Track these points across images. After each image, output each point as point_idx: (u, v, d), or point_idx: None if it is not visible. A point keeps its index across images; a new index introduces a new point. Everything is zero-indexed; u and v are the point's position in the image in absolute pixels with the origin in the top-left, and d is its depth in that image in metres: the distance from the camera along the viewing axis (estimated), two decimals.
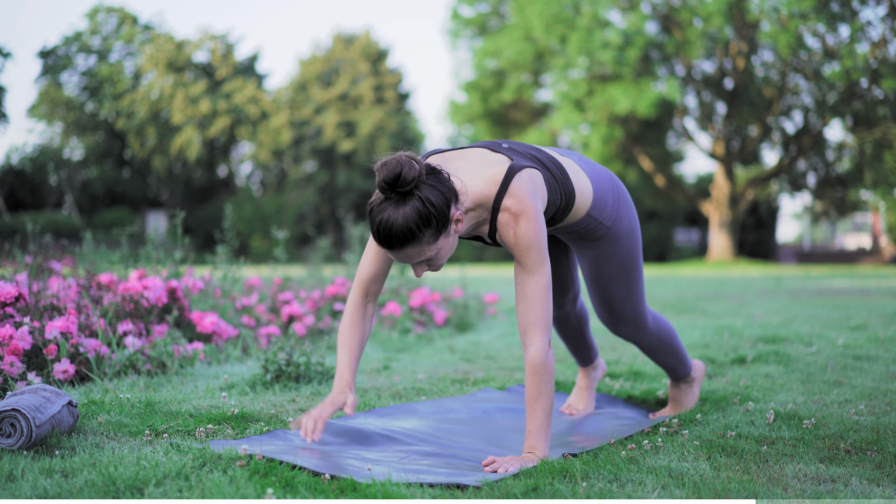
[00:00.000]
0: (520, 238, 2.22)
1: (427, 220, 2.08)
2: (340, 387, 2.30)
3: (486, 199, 2.24)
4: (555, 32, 23.64)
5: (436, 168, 2.14)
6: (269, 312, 5.15)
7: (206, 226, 27.18)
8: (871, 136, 23.65)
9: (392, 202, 2.08)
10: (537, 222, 2.22)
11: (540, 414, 2.20)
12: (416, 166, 2.07)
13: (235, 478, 1.90)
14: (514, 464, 2.11)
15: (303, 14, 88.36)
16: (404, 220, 2.06)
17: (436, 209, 2.08)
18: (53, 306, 3.42)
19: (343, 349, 2.36)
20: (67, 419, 2.27)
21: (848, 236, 39.27)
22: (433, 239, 2.12)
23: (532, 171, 2.29)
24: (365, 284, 2.39)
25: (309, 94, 32.02)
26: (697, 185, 30.61)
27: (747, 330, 5.47)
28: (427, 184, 2.09)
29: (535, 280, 2.22)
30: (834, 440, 2.44)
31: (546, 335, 2.22)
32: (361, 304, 2.39)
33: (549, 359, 2.21)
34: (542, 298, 2.22)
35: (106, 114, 31.81)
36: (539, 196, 2.28)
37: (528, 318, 2.22)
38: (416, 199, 2.07)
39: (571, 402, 3.12)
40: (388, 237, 2.09)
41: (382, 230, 2.09)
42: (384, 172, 2.06)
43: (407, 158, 2.07)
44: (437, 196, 2.09)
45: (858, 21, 21.55)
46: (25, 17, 60.82)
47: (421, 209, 2.07)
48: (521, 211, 2.21)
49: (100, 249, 6.88)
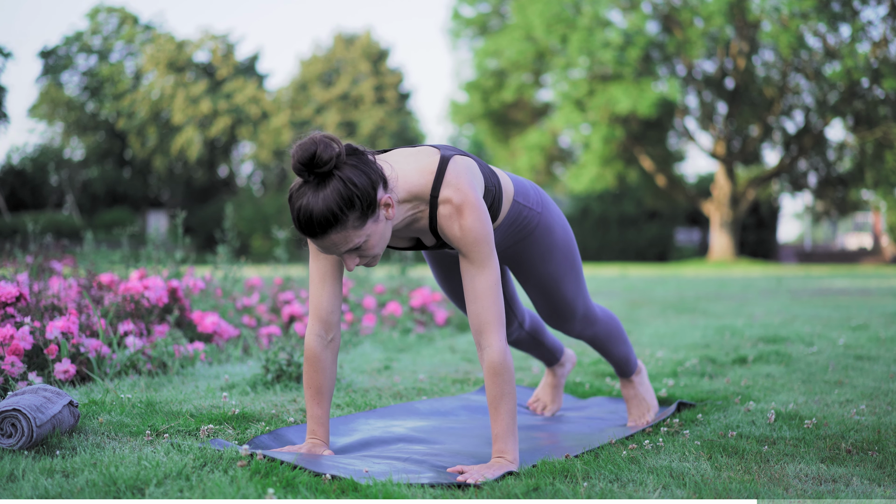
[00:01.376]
0: (466, 231, 2.10)
1: (350, 202, 1.94)
2: (314, 443, 2.23)
3: (422, 190, 2.12)
4: (555, 32, 23.64)
5: (357, 149, 2.01)
6: (270, 312, 5.15)
7: (206, 226, 27.18)
8: (872, 136, 23.64)
9: (311, 186, 1.94)
10: (481, 212, 2.11)
11: (505, 416, 2.11)
12: (334, 146, 1.94)
13: (236, 478, 1.90)
14: (486, 471, 2.03)
15: (303, 14, 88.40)
16: (325, 202, 1.92)
17: (359, 189, 1.95)
18: (54, 306, 3.42)
19: (312, 401, 2.23)
20: (68, 419, 2.27)
21: (849, 236, 39.25)
22: (359, 223, 1.97)
23: (465, 158, 2.19)
24: (322, 316, 2.22)
25: (310, 94, 32.03)
26: (698, 185, 30.60)
27: (748, 330, 5.47)
28: (348, 164, 1.96)
29: (486, 276, 2.12)
30: (835, 440, 2.43)
31: (502, 333, 2.13)
32: (323, 344, 2.23)
33: (508, 358, 2.12)
34: (494, 295, 2.12)
35: (107, 114, 31.83)
36: (478, 184, 2.18)
37: (482, 318, 2.12)
38: (336, 179, 1.93)
39: (539, 396, 3.05)
40: (308, 223, 1.94)
41: (303, 216, 1.94)
42: (298, 153, 1.93)
43: (322, 137, 1.94)
44: (359, 176, 1.96)
45: (859, 21, 21.55)
46: (26, 17, 60.86)
47: (342, 190, 1.93)
48: (464, 201, 2.10)
49: (100, 249, 6.88)
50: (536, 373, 3.92)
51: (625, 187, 29.06)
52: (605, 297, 9.56)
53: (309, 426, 2.26)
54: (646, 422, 2.81)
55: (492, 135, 28.52)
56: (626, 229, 30.25)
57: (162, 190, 33.57)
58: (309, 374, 2.24)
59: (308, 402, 2.26)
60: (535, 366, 4.10)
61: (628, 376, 2.92)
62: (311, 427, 2.25)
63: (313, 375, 2.24)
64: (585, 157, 25.86)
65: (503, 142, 28.52)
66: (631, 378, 2.92)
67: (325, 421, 2.25)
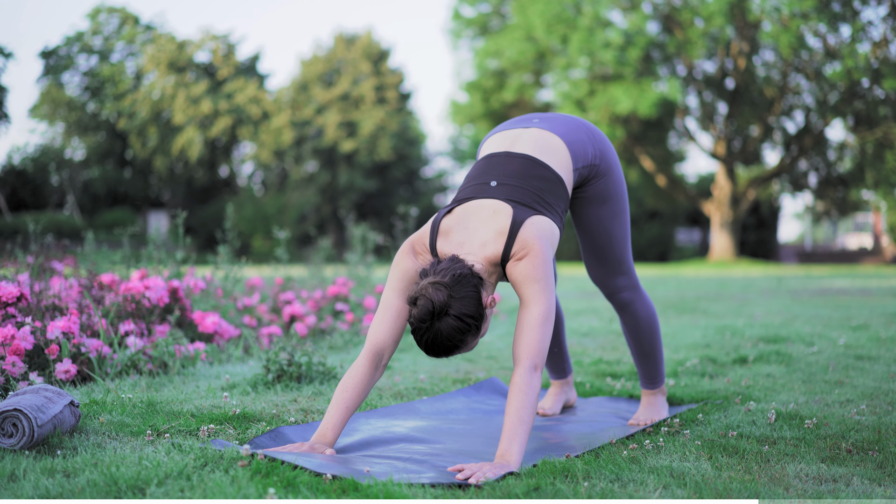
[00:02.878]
0: (522, 272, 2.26)
1: (467, 330, 2.18)
2: (320, 442, 2.25)
3: (497, 257, 2.30)
4: (556, 32, 23.63)
5: (460, 275, 2.18)
6: (271, 312, 5.15)
7: (207, 226, 27.17)
8: (873, 136, 23.64)
9: (432, 325, 2.17)
10: (542, 260, 2.26)
11: (515, 419, 2.15)
12: (444, 292, 2.14)
13: (237, 478, 1.90)
14: (487, 471, 2.03)
15: (304, 14, 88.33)
16: (449, 338, 2.17)
17: (473, 318, 2.18)
18: (55, 306, 3.42)
19: (335, 406, 2.30)
20: (69, 419, 2.27)
21: (849, 236, 39.25)
22: (475, 336, 2.23)
23: (535, 218, 2.32)
24: (378, 348, 2.35)
25: (310, 94, 32.02)
26: (699, 185, 30.60)
27: (749, 330, 5.47)
28: (457, 298, 2.16)
29: (534, 308, 2.24)
30: (835, 440, 2.44)
31: (536, 363, 2.21)
32: (370, 371, 2.33)
33: (536, 381, 2.20)
34: (536, 326, 2.23)
35: (107, 114, 31.82)
36: (547, 239, 2.31)
37: (523, 348, 2.22)
38: (452, 318, 2.16)
39: (541, 402, 3.10)
40: (437, 353, 2.21)
41: (432, 349, 2.20)
42: (417, 312, 2.16)
43: (433, 290, 2.14)
44: (468, 306, 2.17)
45: (860, 21, 21.54)
46: (26, 17, 60.85)
47: (460, 326, 2.16)
48: (528, 251, 2.27)
49: (101, 249, 6.89)
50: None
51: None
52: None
53: (322, 426, 2.27)
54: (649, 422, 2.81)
55: None
56: None
57: (163, 190, 33.57)
58: (345, 390, 2.31)
59: (332, 408, 2.29)
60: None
61: (658, 386, 2.94)
62: (322, 429, 2.27)
63: (351, 393, 2.31)
64: None
65: None
66: (655, 391, 2.94)
67: (339, 429, 2.29)
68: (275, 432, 2.42)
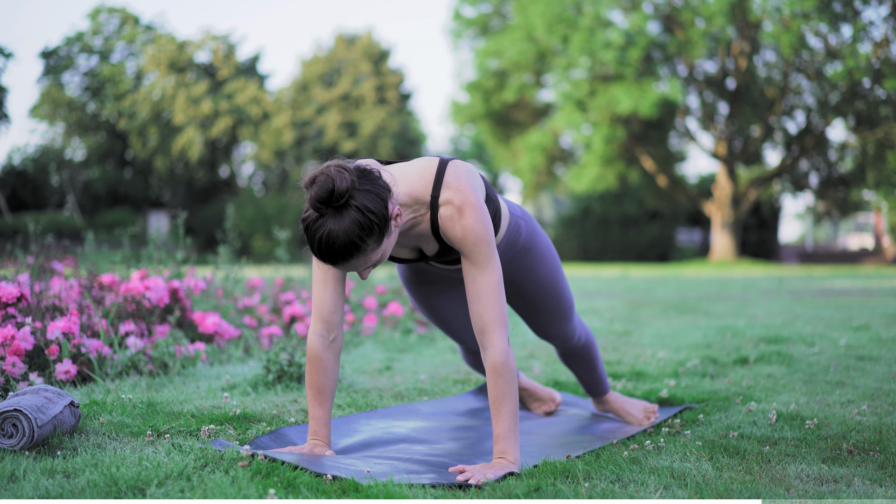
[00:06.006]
0: (468, 231, 2.12)
1: (369, 229, 1.97)
2: (315, 444, 2.23)
3: (423, 193, 2.15)
4: (557, 32, 23.63)
5: (365, 168, 2.03)
6: (271, 313, 5.15)
7: (207, 226, 27.18)
8: (874, 137, 23.62)
9: (329, 216, 1.96)
10: (482, 212, 2.14)
11: (507, 416, 2.12)
12: (347, 175, 1.95)
13: (237, 478, 1.90)
14: (488, 472, 2.03)
15: (304, 14, 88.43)
16: (346, 234, 1.95)
17: (376, 216, 1.97)
18: (55, 307, 3.42)
19: (313, 402, 2.24)
20: (69, 420, 2.27)
21: (850, 237, 39.24)
22: (377, 244, 2.01)
23: (463, 162, 2.23)
24: (325, 316, 2.23)
25: (311, 94, 32.02)
26: (699, 186, 30.58)
27: (749, 330, 5.47)
28: (361, 190, 1.97)
29: (488, 276, 2.13)
30: (836, 441, 2.43)
31: (504, 333, 2.14)
32: (325, 344, 2.23)
33: (511, 358, 2.13)
34: (496, 295, 2.13)
35: (108, 114, 31.83)
36: (478, 186, 2.21)
37: (485, 318, 2.13)
38: (353, 209, 1.95)
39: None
40: (331, 253, 1.98)
41: (325, 247, 1.97)
42: (315, 190, 1.94)
43: (336, 169, 1.96)
44: (373, 201, 1.98)
45: (861, 21, 21.53)
46: (26, 17, 60.89)
47: (361, 220, 1.95)
48: (464, 202, 2.12)
49: (102, 250, 6.89)
50: (537, 373, 3.92)
51: (626, 188, 29.05)
52: (607, 297, 9.56)
53: (311, 427, 2.26)
54: (649, 422, 2.81)
55: (493, 135, 28.51)
56: (628, 230, 30.25)
57: (163, 190, 33.58)
58: (311, 375, 2.25)
59: (310, 403, 2.26)
60: (535, 366, 4.10)
61: (605, 393, 2.95)
62: (312, 428, 2.25)
63: (315, 376, 2.24)
64: (587, 158, 25.85)
65: (504, 142, 28.53)
66: (606, 396, 2.95)
67: (327, 421, 2.26)
68: (276, 433, 2.41)
